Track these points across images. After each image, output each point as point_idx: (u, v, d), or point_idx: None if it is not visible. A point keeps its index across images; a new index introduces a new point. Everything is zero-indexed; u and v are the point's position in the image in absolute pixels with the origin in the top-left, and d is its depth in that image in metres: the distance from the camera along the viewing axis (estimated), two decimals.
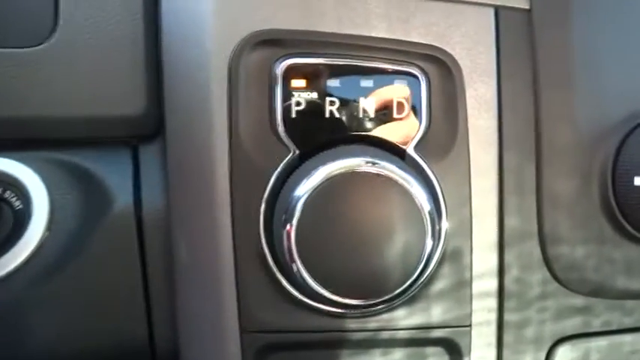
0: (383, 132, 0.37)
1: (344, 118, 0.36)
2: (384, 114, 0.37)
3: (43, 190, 0.42)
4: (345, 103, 0.36)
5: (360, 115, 0.37)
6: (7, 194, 0.42)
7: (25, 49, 0.40)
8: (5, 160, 0.42)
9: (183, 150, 0.38)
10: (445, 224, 0.37)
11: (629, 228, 0.37)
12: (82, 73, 0.40)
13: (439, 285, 0.38)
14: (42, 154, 0.43)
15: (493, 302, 0.39)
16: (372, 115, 0.37)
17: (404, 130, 0.37)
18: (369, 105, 0.37)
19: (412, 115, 0.37)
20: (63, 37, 0.40)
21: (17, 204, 0.42)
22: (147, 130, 0.42)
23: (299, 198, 0.33)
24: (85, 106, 0.41)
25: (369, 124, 0.37)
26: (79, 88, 0.40)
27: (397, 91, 0.37)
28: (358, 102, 0.36)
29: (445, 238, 0.37)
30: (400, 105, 0.37)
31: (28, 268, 0.41)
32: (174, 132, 0.39)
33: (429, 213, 0.34)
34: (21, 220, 0.41)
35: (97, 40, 0.40)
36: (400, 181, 0.33)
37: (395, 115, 0.37)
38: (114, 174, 0.43)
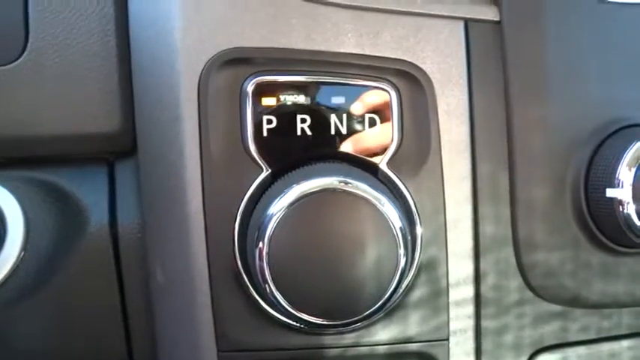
0: (355, 148, 0.37)
1: (316, 136, 0.36)
2: (356, 130, 0.37)
3: (18, 210, 0.41)
4: (316, 121, 0.36)
5: (332, 132, 0.36)
6: None
7: None
8: None
9: (155, 170, 0.38)
10: (419, 236, 0.37)
11: (601, 237, 0.38)
12: (55, 90, 0.40)
13: (415, 295, 0.38)
14: (17, 173, 0.43)
15: (470, 309, 0.39)
16: (343, 131, 0.37)
17: (376, 146, 0.37)
18: (340, 122, 0.36)
19: (384, 130, 0.37)
20: (34, 56, 0.40)
21: None
22: (122, 146, 0.42)
23: (271, 217, 0.33)
24: (58, 123, 0.40)
25: (341, 141, 0.37)
26: (52, 105, 0.40)
27: (368, 107, 0.37)
28: (330, 119, 0.36)
29: (420, 251, 0.37)
30: (372, 121, 0.37)
31: (5, 288, 0.40)
32: (146, 152, 0.38)
33: (401, 229, 0.34)
34: None
35: (69, 58, 0.40)
36: (372, 200, 0.33)
37: (367, 131, 0.37)
38: (89, 192, 0.43)
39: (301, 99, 0.36)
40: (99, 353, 0.42)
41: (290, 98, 0.36)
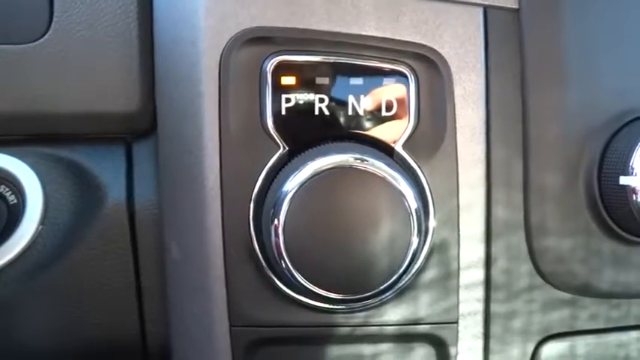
0: (372, 130, 0.37)
1: (333, 116, 0.37)
2: (374, 112, 0.37)
3: (37, 184, 0.42)
4: (334, 101, 0.37)
5: (350, 113, 0.37)
6: (2, 189, 0.42)
7: (19, 46, 0.40)
8: (0, 155, 0.42)
9: (174, 147, 0.38)
10: (432, 221, 0.37)
11: (613, 226, 0.38)
12: (76, 69, 0.41)
13: (426, 276, 0.38)
14: (37, 149, 0.43)
15: (480, 293, 0.39)
16: (361, 112, 0.37)
17: (393, 128, 0.37)
18: (358, 103, 0.37)
19: (401, 112, 0.37)
20: (57, 34, 0.41)
21: (12, 198, 0.42)
22: (141, 126, 0.42)
23: (287, 193, 0.34)
24: (79, 102, 0.41)
25: (358, 122, 0.37)
26: (73, 84, 0.41)
27: (386, 90, 0.37)
28: (347, 100, 0.37)
29: (432, 233, 0.37)
30: (389, 103, 0.37)
31: (22, 261, 0.42)
32: (165, 129, 0.39)
33: (416, 210, 0.34)
34: (15, 215, 0.42)
35: (91, 38, 0.41)
36: (388, 178, 0.34)
37: (384, 113, 0.37)
38: (107, 170, 0.44)
39: (320, 79, 0.37)
40: (112, 327, 0.43)
41: (309, 78, 0.37)
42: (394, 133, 0.37)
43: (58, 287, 0.42)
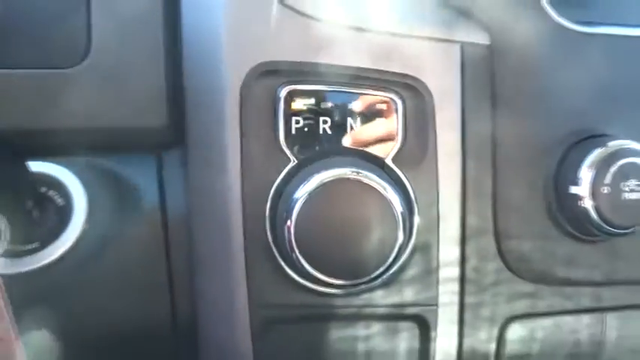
0: (366, 146, 0.44)
1: (335, 135, 0.44)
2: (368, 131, 0.44)
3: (81, 189, 0.49)
4: (335, 122, 0.44)
5: (348, 132, 0.44)
6: (51, 193, 0.49)
7: (63, 70, 0.45)
8: (49, 164, 0.49)
9: (201, 160, 0.45)
10: (416, 222, 0.44)
11: (568, 227, 0.45)
12: (112, 90, 0.46)
13: (411, 271, 0.45)
14: (80, 159, 0.50)
15: (455, 287, 0.46)
16: (357, 132, 0.44)
17: (383, 145, 0.44)
18: (355, 124, 0.44)
19: (390, 132, 0.44)
20: (95, 61, 0.45)
21: (60, 201, 0.49)
22: (170, 139, 0.48)
23: (297, 199, 0.40)
24: (115, 118, 0.46)
25: (355, 140, 0.44)
26: (110, 103, 0.46)
27: (378, 113, 0.44)
28: (346, 121, 0.44)
29: (416, 233, 0.44)
30: (381, 124, 0.44)
31: (73, 254, 0.48)
32: (193, 144, 0.46)
33: (402, 213, 0.41)
34: (63, 216, 0.49)
35: (125, 63, 0.46)
36: (378, 187, 0.40)
37: (376, 133, 0.44)
38: (141, 176, 0.50)
39: (324, 104, 0.43)
40: (147, 311, 0.49)
41: (314, 103, 0.43)
42: (385, 149, 0.44)
43: (101, 278, 0.48)
